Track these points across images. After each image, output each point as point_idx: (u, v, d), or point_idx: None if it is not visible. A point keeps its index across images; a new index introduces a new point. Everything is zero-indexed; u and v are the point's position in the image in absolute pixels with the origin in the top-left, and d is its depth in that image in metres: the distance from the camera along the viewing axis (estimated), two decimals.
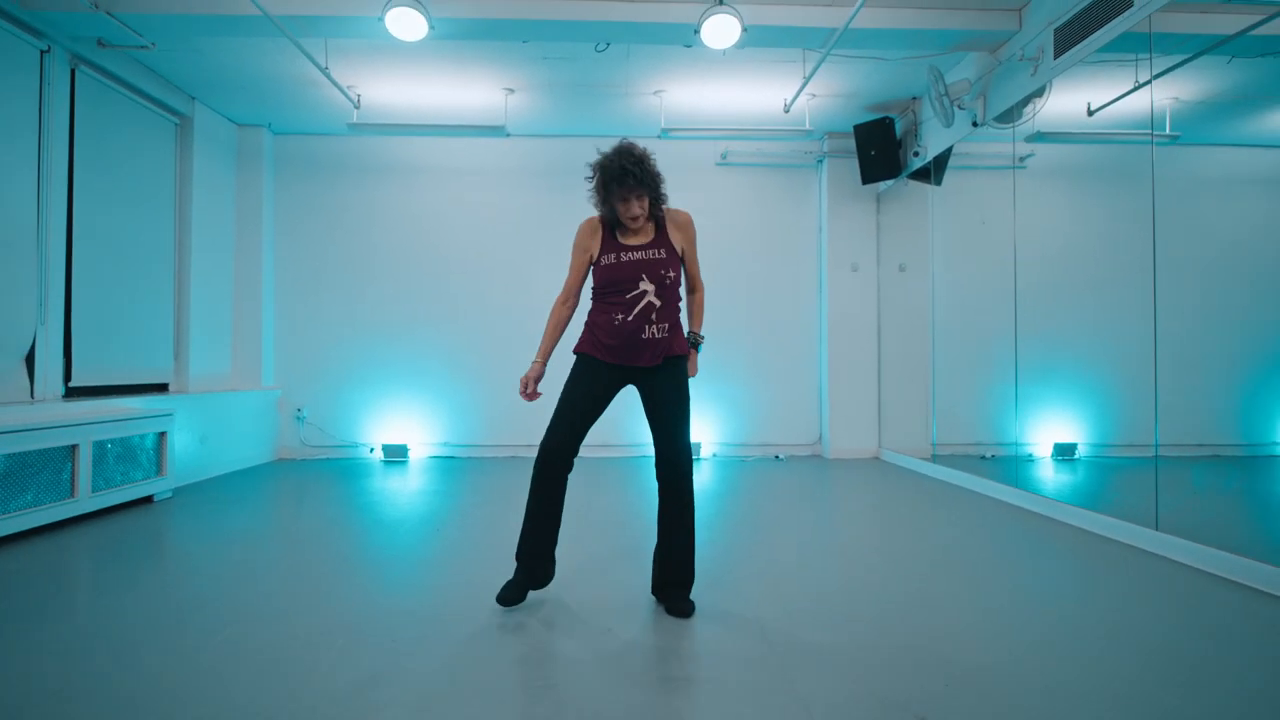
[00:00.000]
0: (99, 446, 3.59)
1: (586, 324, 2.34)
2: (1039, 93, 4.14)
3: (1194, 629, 2.15)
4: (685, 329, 2.40)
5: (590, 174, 2.27)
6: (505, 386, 5.93)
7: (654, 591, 2.39)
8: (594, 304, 2.33)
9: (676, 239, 2.33)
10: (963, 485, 4.74)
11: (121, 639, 2.07)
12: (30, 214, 3.87)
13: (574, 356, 2.35)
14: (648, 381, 2.29)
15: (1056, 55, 3.71)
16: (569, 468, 2.28)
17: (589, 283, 2.38)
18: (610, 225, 2.31)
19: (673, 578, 2.32)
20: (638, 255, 2.25)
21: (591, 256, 2.33)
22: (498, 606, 2.29)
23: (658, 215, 2.34)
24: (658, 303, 2.23)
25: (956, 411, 5.30)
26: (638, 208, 2.23)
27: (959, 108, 4.44)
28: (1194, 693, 1.74)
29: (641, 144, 2.29)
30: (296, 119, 5.68)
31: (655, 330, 2.24)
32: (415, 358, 6.00)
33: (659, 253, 2.27)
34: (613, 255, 2.26)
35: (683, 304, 2.41)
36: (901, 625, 2.17)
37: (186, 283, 5.16)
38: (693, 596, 2.37)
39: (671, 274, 2.26)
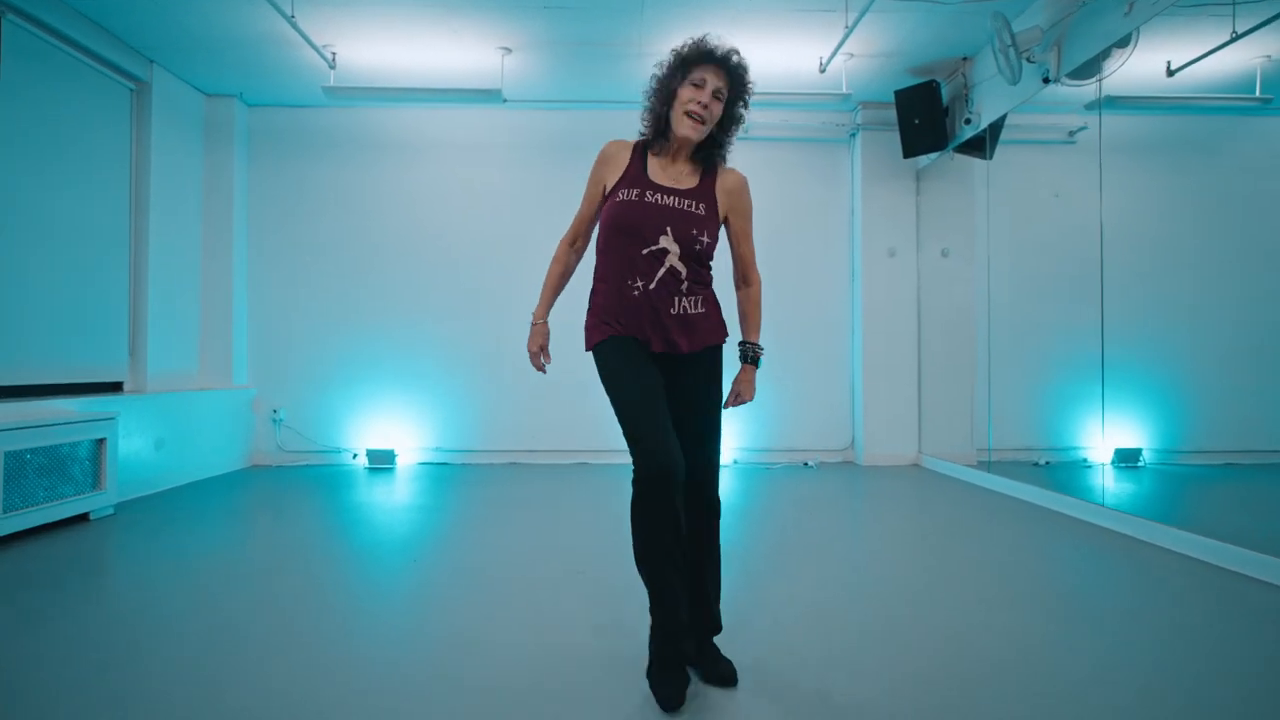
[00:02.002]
0: (14, 457, 3.01)
1: (592, 307, 1.73)
2: (1123, 42, 3.52)
3: None
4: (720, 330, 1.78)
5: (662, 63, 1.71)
6: (504, 385, 5.34)
7: None
8: (599, 272, 1.73)
9: (723, 202, 1.74)
10: (1018, 496, 4.14)
11: (16, 698, 1.51)
12: None
13: (590, 355, 1.73)
14: (678, 374, 1.69)
15: None
16: (681, 481, 1.57)
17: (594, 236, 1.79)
18: (645, 154, 1.71)
19: (705, 622, 1.76)
20: (669, 200, 1.65)
21: (606, 187, 1.71)
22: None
23: (710, 162, 1.73)
24: (683, 271, 1.64)
25: (1006, 413, 4.70)
26: (709, 98, 1.64)
27: (1028, 60, 3.82)
28: None
29: None
30: (270, 87, 5.09)
31: (687, 304, 1.65)
32: (404, 354, 5.42)
33: (698, 206, 1.67)
34: (634, 191, 1.65)
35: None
36: (986, 689, 1.56)
37: (144, 270, 4.58)
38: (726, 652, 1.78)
39: (705, 240, 1.66)
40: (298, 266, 5.43)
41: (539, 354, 1.81)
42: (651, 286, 1.63)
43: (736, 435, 5.46)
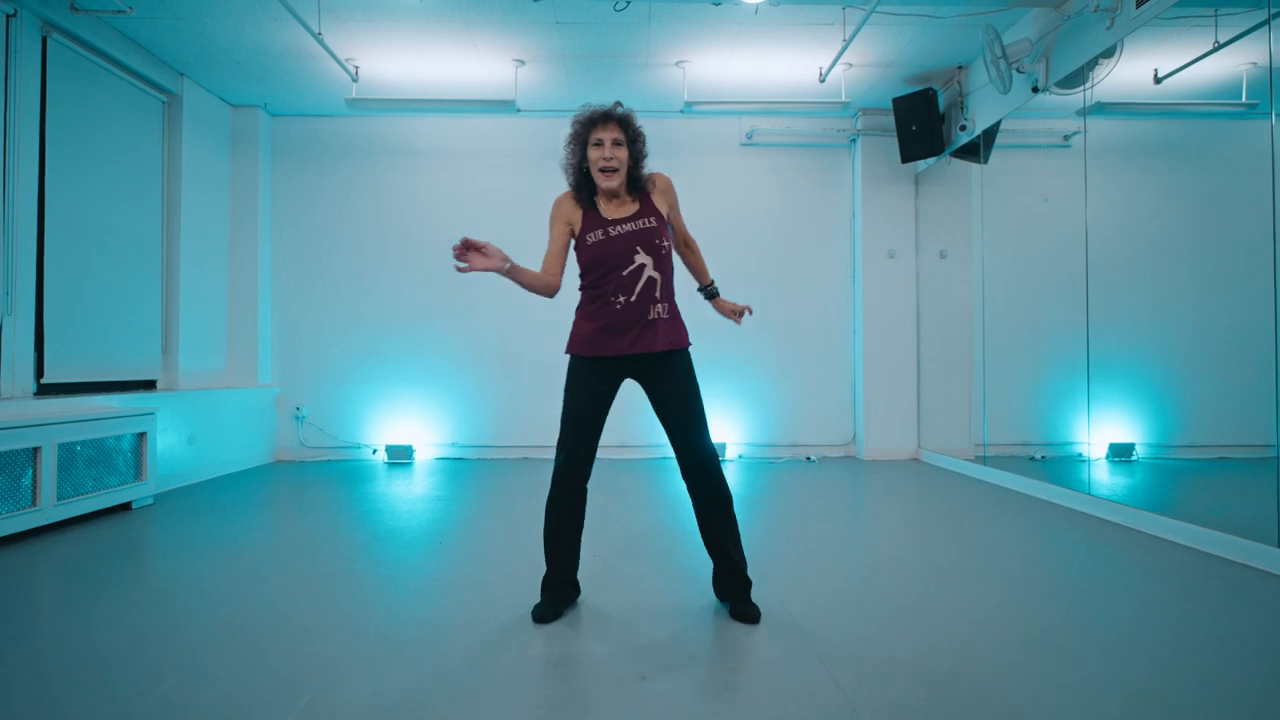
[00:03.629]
0: (66, 449, 3.23)
1: (577, 319, 2.14)
2: (1109, 53, 3.70)
3: None
4: (676, 306, 2.18)
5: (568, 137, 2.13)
6: (516, 383, 5.56)
7: (719, 596, 2.25)
8: (584, 295, 2.13)
9: (661, 205, 2.14)
10: (1013, 488, 4.31)
11: (68, 667, 1.70)
12: None
13: (567, 359, 2.15)
14: (654, 376, 2.10)
15: (1139, 4, 3.27)
16: (587, 481, 2.15)
17: (572, 269, 2.17)
18: (591, 201, 2.09)
19: (735, 585, 2.16)
20: (628, 227, 2.06)
21: (574, 231, 2.11)
22: (519, 618, 2.08)
23: (639, 186, 2.12)
24: (657, 277, 2.06)
25: (1004, 409, 4.86)
26: (613, 151, 2.02)
27: (1018, 71, 4.00)
28: None
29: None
30: (293, 98, 5.32)
31: (660, 310, 2.06)
32: (421, 353, 5.63)
33: (649, 221, 2.08)
34: (600, 232, 2.06)
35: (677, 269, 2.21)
36: (979, 646, 1.75)
37: (175, 273, 4.81)
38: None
39: (665, 243, 2.09)
40: (318, 269, 5.65)
41: (471, 244, 1.99)
42: (633, 299, 2.03)
43: (740, 430, 5.65)
